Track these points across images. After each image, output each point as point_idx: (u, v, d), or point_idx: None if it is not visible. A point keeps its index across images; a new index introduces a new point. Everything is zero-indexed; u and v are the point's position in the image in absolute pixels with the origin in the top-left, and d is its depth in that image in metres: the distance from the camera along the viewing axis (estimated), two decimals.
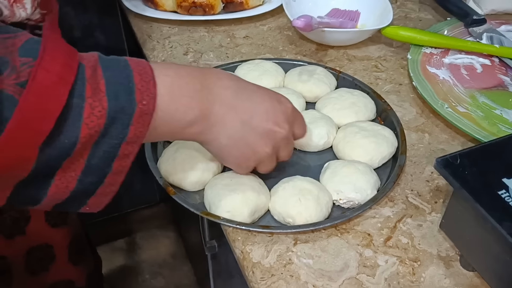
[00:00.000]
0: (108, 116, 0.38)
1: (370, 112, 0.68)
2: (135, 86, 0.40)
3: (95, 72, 0.39)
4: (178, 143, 0.62)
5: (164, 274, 1.55)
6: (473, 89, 0.72)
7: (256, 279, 0.50)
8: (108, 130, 0.39)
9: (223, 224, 0.55)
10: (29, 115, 0.34)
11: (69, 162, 0.38)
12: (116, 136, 0.40)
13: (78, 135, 0.37)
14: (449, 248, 0.53)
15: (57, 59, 0.36)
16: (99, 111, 0.38)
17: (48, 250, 0.85)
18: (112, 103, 0.39)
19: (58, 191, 0.39)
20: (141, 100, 0.40)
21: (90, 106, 0.37)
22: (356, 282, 0.50)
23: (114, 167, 0.41)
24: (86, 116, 0.37)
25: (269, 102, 0.51)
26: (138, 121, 0.40)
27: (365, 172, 0.58)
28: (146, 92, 0.41)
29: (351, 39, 0.84)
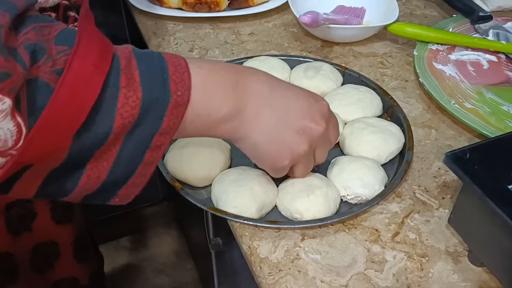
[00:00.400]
0: (142, 106, 0.38)
1: (377, 108, 0.68)
2: (170, 77, 0.40)
3: (129, 63, 0.38)
4: (185, 138, 0.62)
5: (167, 272, 1.55)
6: (479, 85, 0.72)
7: (264, 275, 0.50)
8: (141, 120, 0.38)
9: (230, 220, 0.54)
10: (64, 103, 0.34)
11: (101, 152, 0.38)
12: (150, 127, 0.39)
13: (112, 125, 0.37)
14: (457, 243, 0.53)
15: (93, 48, 0.36)
16: (133, 101, 0.37)
17: (53, 247, 0.85)
18: (147, 93, 0.38)
19: (89, 181, 0.39)
20: (175, 91, 0.40)
21: (125, 96, 0.37)
22: (364, 278, 0.50)
23: (146, 158, 0.41)
24: (120, 106, 0.37)
25: (305, 99, 0.50)
26: (172, 112, 0.40)
27: (373, 168, 0.58)
28: (180, 83, 0.40)
29: (357, 36, 0.84)
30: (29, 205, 0.78)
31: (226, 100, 0.44)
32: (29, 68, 0.33)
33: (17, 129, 0.33)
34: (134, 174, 0.41)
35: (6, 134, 0.32)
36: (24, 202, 0.78)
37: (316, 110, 0.50)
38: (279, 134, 0.48)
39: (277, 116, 0.48)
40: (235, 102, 0.45)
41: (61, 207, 0.83)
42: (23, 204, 0.77)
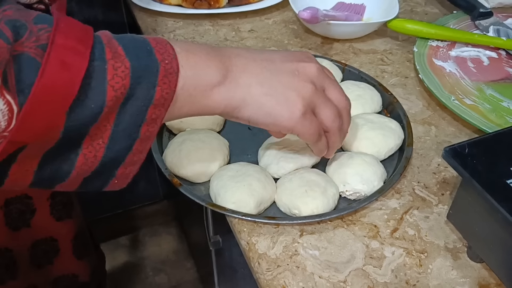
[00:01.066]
0: (133, 75, 0.37)
1: (377, 105, 0.68)
2: (154, 49, 0.39)
3: (111, 40, 0.38)
4: (183, 134, 0.62)
5: (167, 270, 1.55)
6: (480, 82, 0.72)
7: (262, 270, 0.50)
8: (134, 91, 0.38)
9: (229, 215, 0.54)
10: (53, 77, 0.33)
11: (96, 128, 0.37)
12: (143, 97, 0.38)
13: (104, 98, 0.36)
14: (456, 240, 0.53)
15: (73, 25, 0.36)
16: (123, 71, 0.37)
17: (52, 244, 0.85)
18: (135, 63, 0.38)
19: (86, 161, 0.39)
20: (163, 60, 0.39)
21: (113, 67, 0.37)
22: (363, 274, 0.50)
23: (142, 132, 0.40)
24: (110, 78, 0.36)
25: (284, 51, 0.50)
26: (163, 81, 0.39)
27: (372, 164, 0.57)
28: (165, 53, 0.40)
29: (357, 32, 0.84)
30: (28, 201, 0.78)
31: (211, 62, 0.43)
32: (13, 43, 0.33)
33: (8, 107, 0.32)
34: (131, 150, 0.41)
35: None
36: (23, 198, 0.77)
37: (298, 53, 0.49)
38: (277, 81, 0.46)
39: (265, 67, 0.46)
40: (219, 61, 0.44)
41: (61, 204, 0.83)
42: (22, 199, 0.77)
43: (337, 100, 0.50)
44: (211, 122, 0.65)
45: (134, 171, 0.43)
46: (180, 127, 0.64)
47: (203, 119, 0.64)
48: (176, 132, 0.65)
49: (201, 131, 0.62)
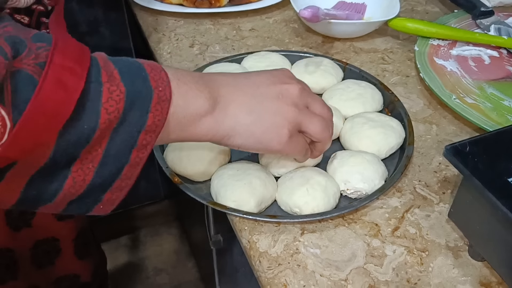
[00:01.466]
0: (127, 100, 0.38)
1: (377, 103, 0.68)
2: (148, 75, 0.40)
3: (106, 63, 0.39)
4: None
5: (168, 270, 1.55)
6: (481, 81, 0.72)
7: (263, 269, 0.50)
8: (126, 116, 0.38)
9: (230, 214, 0.54)
10: (49, 95, 0.34)
11: (87, 151, 0.37)
12: (135, 123, 0.39)
13: (98, 120, 0.36)
14: (458, 238, 0.53)
15: (71, 45, 0.36)
16: (117, 95, 0.37)
17: (54, 244, 0.85)
18: (130, 88, 0.38)
19: (74, 184, 0.38)
20: (156, 87, 0.40)
21: (108, 91, 0.37)
22: (364, 272, 0.49)
23: (132, 158, 0.40)
24: (104, 101, 0.37)
25: (265, 72, 0.51)
26: (156, 108, 0.40)
27: (373, 162, 0.57)
28: (159, 80, 0.40)
29: (358, 31, 0.84)
30: None
31: (200, 92, 0.44)
32: (12, 60, 0.33)
33: (1, 122, 0.32)
34: (120, 176, 0.41)
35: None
36: None
37: (280, 74, 0.51)
38: (262, 108, 0.48)
39: (251, 94, 0.48)
40: (208, 92, 0.45)
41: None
42: None
43: (321, 112, 0.52)
44: None
45: (120, 197, 0.43)
46: None
47: None
48: None
49: None
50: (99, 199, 0.42)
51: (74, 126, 0.36)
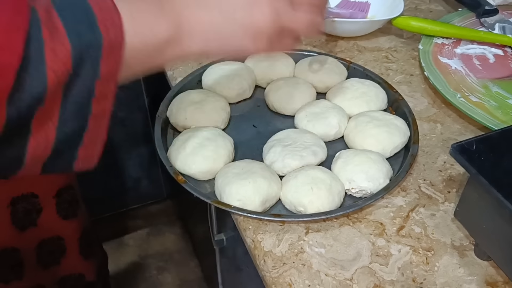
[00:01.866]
0: (74, 57, 0.35)
1: (382, 102, 0.67)
2: (97, 19, 0.37)
3: (49, 14, 0.35)
4: (188, 132, 0.62)
5: (170, 269, 1.55)
6: (486, 79, 0.72)
7: (268, 268, 0.50)
8: (77, 71, 0.36)
9: (234, 213, 0.54)
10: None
11: (42, 111, 0.35)
12: (88, 75, 0.37)
13: (45, 83, 0.34)
14: (463, 237, 0.52)
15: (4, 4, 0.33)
16: (63, 54, 0.35)
17: (59, 243, 0.85)
18: (76, 42, 0.35)
19: (38, 144, 0.37)
20: (107, 32, 0.37)
21: (52, 50, 0.34)
22: (369, 271, 0.49)
23: (94, 108, 0.38)
24: (49, 61, 0.34)
25: None
26: (108, 56, 0.37)
27: (378, 161, 0.57)
28: (110, 22, 0.37)
29: (362, 30, 0.83)
30: (34, 200, 0.78)
31: (159, 24, 0.42)
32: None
33: None
34: (87, 129, 0.39)
35: None
36: (30, 196, 0.77)
37: None
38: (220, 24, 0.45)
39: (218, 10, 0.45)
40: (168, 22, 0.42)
41: (67, 202, 0.83)
42: (28, 198, 0.77)
43: None
44: (216, 119, 0.64)
45: (96, 151, 0.41)
46: (185, 125, 0.64)
47: (208, 117, 0.64)
48: (181, 129, 0.65)
49: (205, 128, 0.62)
50: (74, 156, 0.40)
51: (21, 91, 0.34)
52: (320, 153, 0.59)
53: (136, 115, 1.37)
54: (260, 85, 0.73)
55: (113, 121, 0.41)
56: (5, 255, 0.79)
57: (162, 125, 0.64)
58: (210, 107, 0.64)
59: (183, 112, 0.64)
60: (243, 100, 0.71)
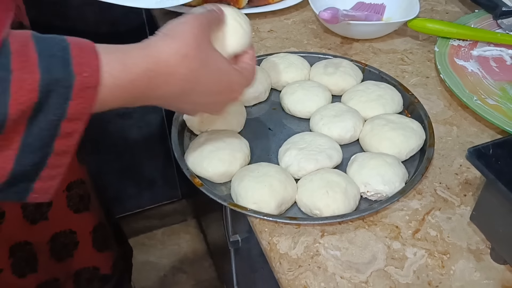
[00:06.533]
0: (41, 89, 0.35)
1: (397, 105, 0.67)
2: (72, 58, 0.37)
3: (25, 47, 0.36)
4: (204, 135, 0.62)
5: (185, 269, 1.56)
6: (503, 82, 0.71)
7: (284, 270, 0.50)
8: (43, 105, 0.36)
9: (250, 215, 0.54)
10: None
11: (2, 139, 0.35)
12: (54, 112, 0.36)
13: (6, 112, 0.34)
14: (479, 241, 0.52)
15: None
16: (30, 84, 0.35)
17: (71, 236, 0.86)
18: (45, 75, 0.35)
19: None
20: (80, 72, 0.37)
21: (19, 79, 0.34)
22: (384, 274, 0.49)
23: (56, 147, 0.38)
24: (14, 91, 0.34)
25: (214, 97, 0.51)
26: (79, 95, 0.37)
27: (393, 165, 0.57)
28: (86, 64, 0.37)
29: (377, 32, 0.83)
30: None
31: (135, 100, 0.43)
32: None
33: None
34: (46, 165, 0.39)
35: None
36: None
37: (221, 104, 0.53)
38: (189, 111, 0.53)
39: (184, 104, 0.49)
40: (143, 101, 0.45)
41: (77, 196, 0.84)
42: None
43: None
44: (232, 122, 0.65)
45: (54, 185, 0.41)
46: (201, 128, 0.65)
47: (224, 120, 0.64)
48: (197, 132, 0.65)
49: (221, 131, 0.63)
50: (30, 189, 0.40)
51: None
52: (336, 156, 0.60)
53: (151, 116, 1.38)
54: (275, 88, 0.74)
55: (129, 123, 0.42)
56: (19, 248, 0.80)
57: (178, 128, 0.65)
58: None
59: (200, 115, 0.64)
60: (258, 103, 0.72)
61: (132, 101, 0.43)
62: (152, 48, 0.43)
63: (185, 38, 0.45)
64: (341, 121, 0.63)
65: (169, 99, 0.47)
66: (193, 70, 0.45)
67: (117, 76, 0.40)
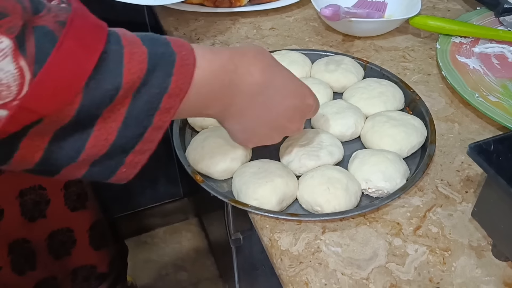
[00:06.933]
0: (149, 61, 0.38)
1: (399, 102, 0.67)
2: (170, 42, 0.40)
3: (126, 33, 0.39)
4: (206, 131, 0.62)
5: (187, 268, 1.56)
6: (504, 79, 0.71)
7: (285, 267, 0.50)
8: (150, 78, 0.38)
9: (251, 212, 0.55)
10: (70, 52, 0.34)
11: (109, 110, 0.38)
12: (158, 85, 0.39)
13: (121, 80, 0.37)
14: (481, 238, 0.52)
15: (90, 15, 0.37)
16: (140, 56, 0.38)
17: (69, 234, 0.86)
18: (151, 49, 0.38)
19: (97, 143, 0.39)
20: (179, 51, 0.40)
21: (130, 52, 0.37)
22: (386, 271, 0.49)
23: (155, 121, 0.40)
24: (127, 61, 0.37)
25: (291, 100, 0.51)
26: (180, 71, 0.40)
27: (395, 161, 0.57)
28: (182, 46, 0.41)
29: (379, 29, 0.83)
30: (42, 192, 0.80)
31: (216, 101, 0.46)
32: (32, 14, 0.33)
33: (19, 73, 0.32)
34: (142, 138, 0.41)
35: (8, 78, 0.32)
36: (37, 188, 0.79)
37: (298, 111, 0.53)
38: (255, 129, 0.51)
39: (258, 116, 0.50)
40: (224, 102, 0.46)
41: (75, 194, 0.84)
42: (36, 190, 0.79)
43: None
44: None
45: (142, 160, 0.43)
46: (203, 125, 0.65)
47: None
48: (199, 129, 0.65)
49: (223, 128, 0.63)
50: (122, 162, 0.41)
51: (98, 85, 0.36)
52: (337, 153, 0.60)
53: None
54: None
55: None
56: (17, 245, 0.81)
57: (180, 125, 0.65)
58: None
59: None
60: None
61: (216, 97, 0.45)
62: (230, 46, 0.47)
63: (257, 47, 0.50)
64: (342, 118, 0.63)
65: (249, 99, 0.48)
66: (270, 65, 0.49)
67: (208, 59, 0.43)
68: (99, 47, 0.35)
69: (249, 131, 0.51)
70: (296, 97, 0.52)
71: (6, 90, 0.32)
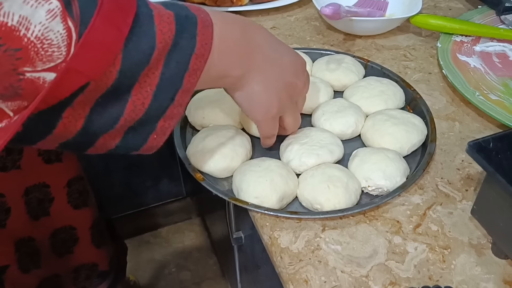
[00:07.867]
0: (177, 22, 0.40)
1: (399, 101, 0.67)
2: (189, 7, 0.43)
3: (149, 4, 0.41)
4: (206, 130, 0.63)
5: (189, 267, 1.56)
6: (505, 77, 0.71)
7: (284, 264, 0.50)
8: (179, 39, 0.40)
9: (251, 210, 0.55)
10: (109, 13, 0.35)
11: (145, 74, 0.39)
12: (186, 46, 0.41)
13: (154, 40, 0.38)
14: (481, 236, 0.52)
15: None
16: (168, 18, 0.39)
17: (71, 232, 0.87)
18: (177, 12, 0.40)
19: (135, 108, 0.40)
20: (198, 14, 0.42)
21: (159, 14, 0.39)
22: (385, 269, 0.49)
23: (184, 83, 0.42)
24: (157, 23, 0.39)
25: (291, 55, 0.54)
26: (202, 32, 0.42)
27: (395, 159, 0.57)
28: (199, 10, 0.43)
29: (380, 28, 0.83)
30: (46, 190, 0.80)
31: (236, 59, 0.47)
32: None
33: (67, 33, 0.33)
34: (173, 102, 0.42)
35: (58, 38, 0.33)
36: (42, 186, 0.80)
37: (299, 65, 0.55)
38: (273, 85, 0.52)
39: (274, 70, 0.52)
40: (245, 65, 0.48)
41: (77, 192, 0.85)
42: (40, 188, 0.80)
43: (301, 107, 0.60)
44: (234, 118, 0.65)
45: (172, 126, 0.44)
46: (203, 123, 0.65)
47: (226, 115, 0.65)
48: (199, 128, 0.66)
49: (223, 127, 0.63)
50: (154, 127, 0.43)
51: (135, 46, 0.37)
52: (337, 152, 0.60)
53: None
54: None
55: None
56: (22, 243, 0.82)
57: (181, 124, 0.66)
58: (228, 105, 0.65)
59: (201, 111, 0.65)
60: None
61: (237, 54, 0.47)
62: None
63: None
64: (343, 117, 0.63)
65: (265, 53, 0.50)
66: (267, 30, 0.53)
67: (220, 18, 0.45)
68: (132, 9, 0.37)
69: (267, 86, 0.52)
70: (291, 52, 0.55)
71: (57, 51, 0.33)
